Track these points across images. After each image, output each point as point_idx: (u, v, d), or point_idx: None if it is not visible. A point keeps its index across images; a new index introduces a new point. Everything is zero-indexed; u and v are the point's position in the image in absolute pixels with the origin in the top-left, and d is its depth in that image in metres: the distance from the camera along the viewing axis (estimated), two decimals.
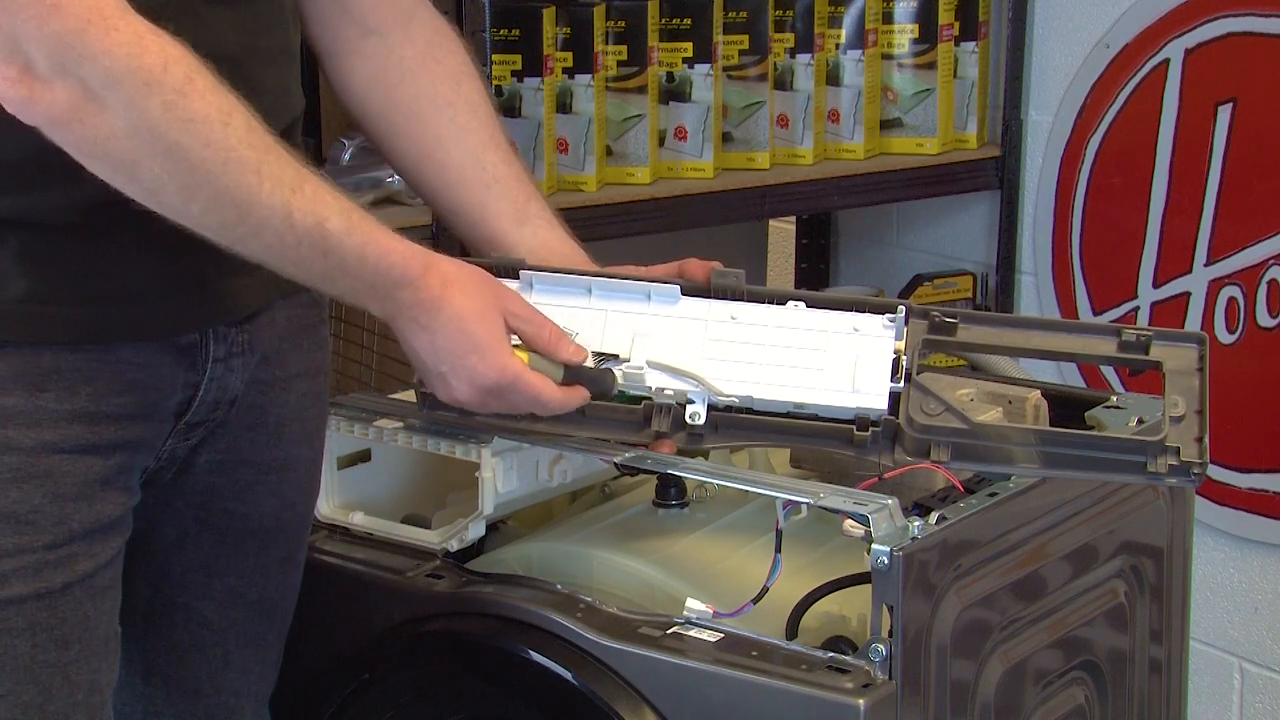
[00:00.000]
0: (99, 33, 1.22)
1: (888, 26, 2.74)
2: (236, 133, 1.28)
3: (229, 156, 1.28)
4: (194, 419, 1.45)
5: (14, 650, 1.35)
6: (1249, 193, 2.54)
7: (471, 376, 1.44)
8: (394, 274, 1.39)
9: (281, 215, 1.31)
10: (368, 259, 1.37)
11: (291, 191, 1.31)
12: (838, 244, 3.20)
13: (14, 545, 1.34)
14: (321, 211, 1.33)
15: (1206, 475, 1.50)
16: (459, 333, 1.42)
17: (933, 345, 1.59)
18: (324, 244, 1.34)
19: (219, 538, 1.54)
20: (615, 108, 2.53)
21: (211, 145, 1.27)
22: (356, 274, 1.38)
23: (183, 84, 1.25)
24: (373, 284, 1.39)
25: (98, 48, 1.22)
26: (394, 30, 1.62)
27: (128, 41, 1.23)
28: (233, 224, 1.30)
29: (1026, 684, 1.57)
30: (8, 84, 1.23)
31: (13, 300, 1.33)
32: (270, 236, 1.32)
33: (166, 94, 1.24)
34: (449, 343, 1.43)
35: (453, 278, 1.43)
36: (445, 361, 1.43)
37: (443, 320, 1.42)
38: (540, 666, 1.48)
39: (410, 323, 1.42)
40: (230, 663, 1.58)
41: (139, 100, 1.24)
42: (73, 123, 1.24)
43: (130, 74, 1.23)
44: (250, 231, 1.31)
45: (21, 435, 1.33)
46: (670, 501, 1.70)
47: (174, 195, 1.28)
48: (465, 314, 1.42)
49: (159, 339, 1.40)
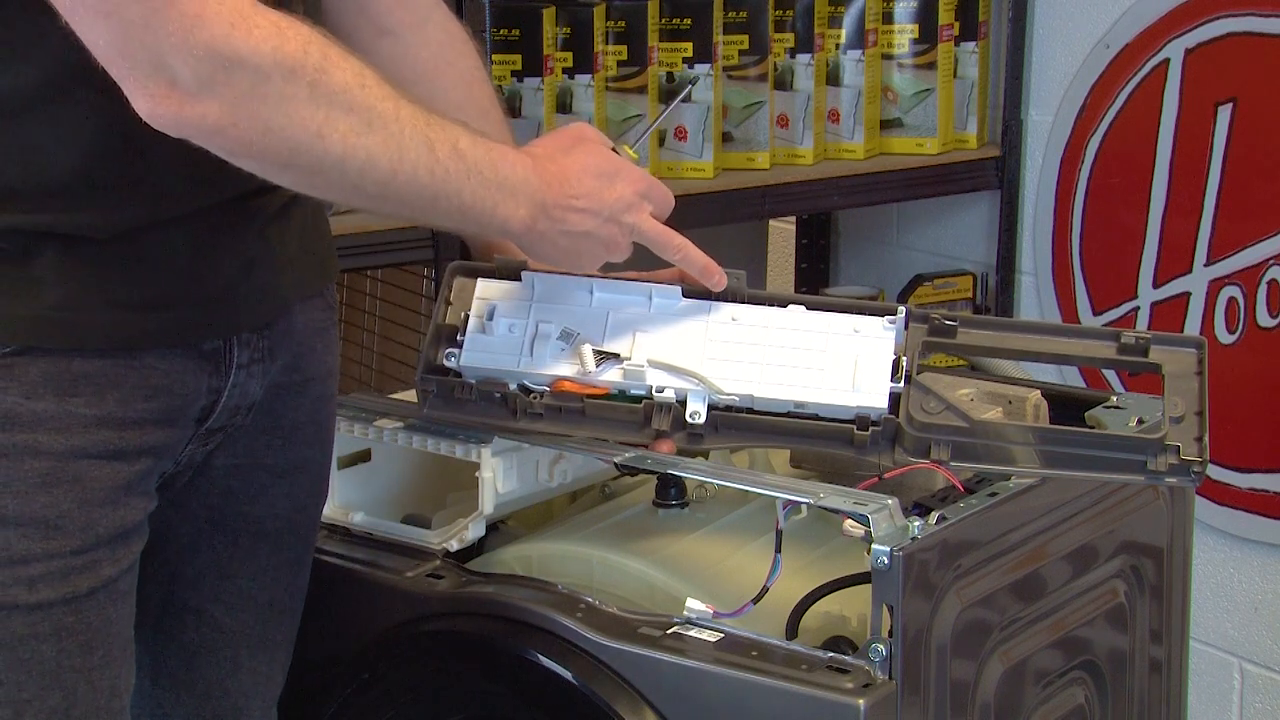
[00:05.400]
0: (244, 34, 1.22)
1: (888, 26, 2.74)
2: (372, 90, 1.30)
3: (372, 116, 1.30)
4: (215, 424, 1.46)
5: (40, 655, 1.35)
6: (1249, 193, 2.54)
7: (634, 185, 1.52)
8: (519, 170, 1.43)
9: (427, 152, 1.34)
10: (497, 164, 1.41)
11: (427, 125, 1.34)
12: (838, 244, 3.20)
13: (43, 550, 1.34)
14: (450, 136, 1.37)
15: (1206, 475, 1.50)
16: (597, 174, 1.50)
17: (933, 347, 1.59)
18: (464, 165, 1.37)
19: (232, 540, 1.54)
20: (615, 108, 2.53)
21: (355, 110, 1.28)
22: (496, 182, 1.40)
23: (321, 61, 1.27)
24: (512, 187, 1.42)
25: (245, 49, 1.22)
26: (409, 32, 1.62)
27: (270, 35, 1.24)
28: (388, 177, 1.32)
29: (1026, 684, 1.58)
30: (154, 101, 1.22)
31: (48, 307, 1.33)
32: (425, 176, 1.34)
33: (310, 74, 1.26)
34: (592, 184, 1.49)
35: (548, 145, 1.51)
36: (602, 203, 1.49)
37: (576, 175, 1.48)
38: (540, 666, 1.48)
39: (555, 206, 1.46)
40: (240, 665, 1.58)
41: (288, 88, 1.25)
42: (226, 128, 1.24)
43: (277, 65, 1.24)
44: (407, 179, 1.33)
45: (52, 440, 1.34)
46: (670, 501, 1.70)
47: (330, 170, 1.29)
48: (589, 157, 1.50)
49: (185, 346, 1.41)
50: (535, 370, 1.58)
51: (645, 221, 1.53)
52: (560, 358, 1.58)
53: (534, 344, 1.58)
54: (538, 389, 1.58)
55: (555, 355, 1.58)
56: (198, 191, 1.38)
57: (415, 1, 1.64)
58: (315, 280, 1.55)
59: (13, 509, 1.32)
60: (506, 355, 1.59)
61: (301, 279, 1.51)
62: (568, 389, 1.57)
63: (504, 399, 1.58)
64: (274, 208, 1.46)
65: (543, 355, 1.58)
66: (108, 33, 1.20)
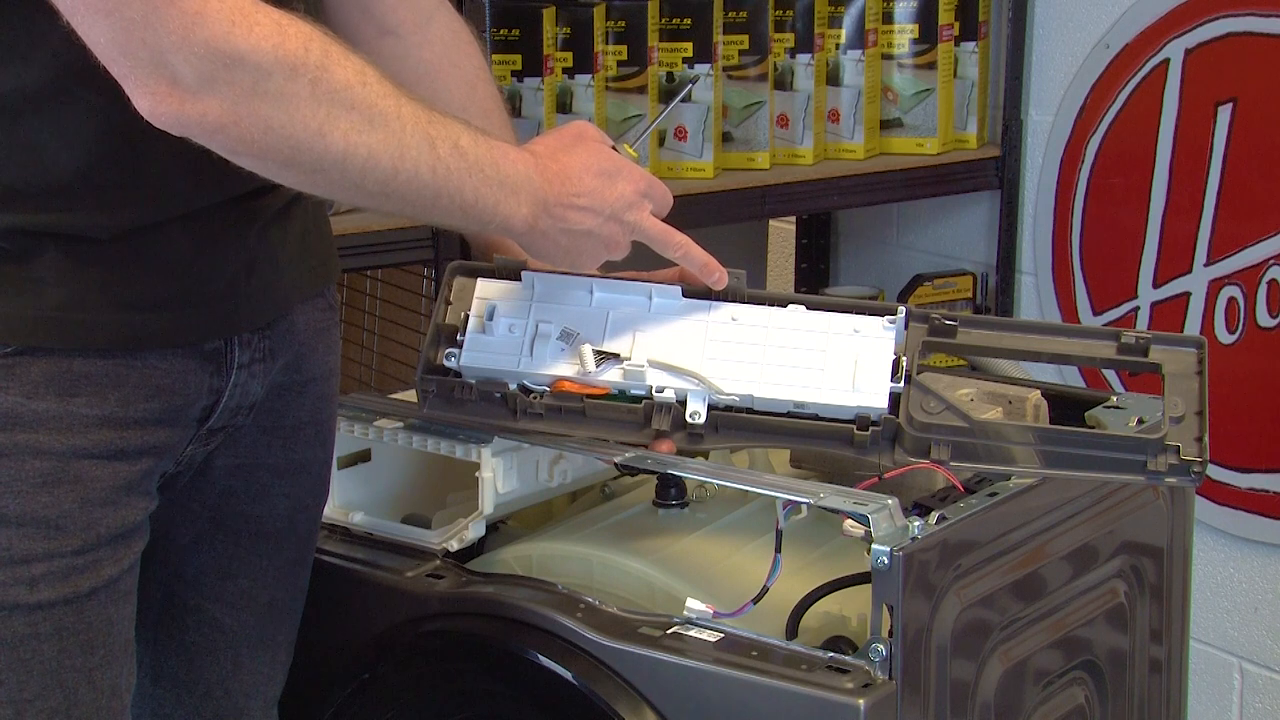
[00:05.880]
0: (244, 31, 1.22)
1: (888, 26, 2.74)
2: (374, 88, 1.30)
3: (373, 113, 1.30)
4: (216, 424, 1.46)
5: (41, 655, 1.35)
6: (1249, 193, 2.54)
7: (635, 183, 1.52)
8: (520, 167, 1.43)
9: (428, 149, 1.34)
10: (499, 162, 1.41)
11: (428, 123, 1.34)
12: (838, 244, 3.20)
13: (44, 550, 1.34)
14: (452, 133, 1.37)
15: (1206, 475, 1.50)
16: (598, 172, 1.49)
17: (933, 347, 1.59)
18: (465, 163, 1.37)
19: (234, 540, 1.55)
20: (615, 108, 2.53)
21: (356, 107, 1.28)
22: (497, 179, 1.40)
23: (322, 58, 1.27)
24: (514, 185, 1.42)
25: (245, 46, 1.22)
26: (412, 32, 1.62)
27: (271, 33, 1.24)
28: (390, 175, 1.32)
29: (1026, 684, 1.58)
30: (155, 100, 1.22)
31: (49, 307, 1.33)
32: (426, 174, 1.34)
33: (311, 71, 1.26)
34: (594, 182, 1.49)
35: (549, 143, 1.50)
36: (603, 202, 1.49)
37: (577, 174, 1.48)
38: (540, 666, 1.48)
39: (556, 204, 1.46)
40: (241, 665, 1.58)
41: (289, 86, 1.25)
42: (227, 126, 1.24)
43: (278, 63, 1.24)
44: (409, 177, 1.33)
45: (53, 440, 1.34)
46: (670, 501, 1.70)
47: (331, 169, 1.30)
48: (590, 155, 1.50)
49: (187, 346, 1.41)
50: (535, 370, 1.58)
51: (646, 219, 1.53)
52: (560, 358, 1.58)
53: (534, 344, 1.58)
54: (538, 389, 1.58)
55: (555, 355, 1.58)
56: (199, 192, 1.38)
57: (418, 1, 1.64)
58: (316, 280, 1.55)
59: (14, 509, 1.33)
60: (506, 355, 1.59)
61: (302, 279, 1.51)
62: (568, 389, 1.57)
63: (504, 399, 1.58)
64: (275, 208, 1.46)
65: (543, 355, 1.58)
66: (109, 31, 1.20)
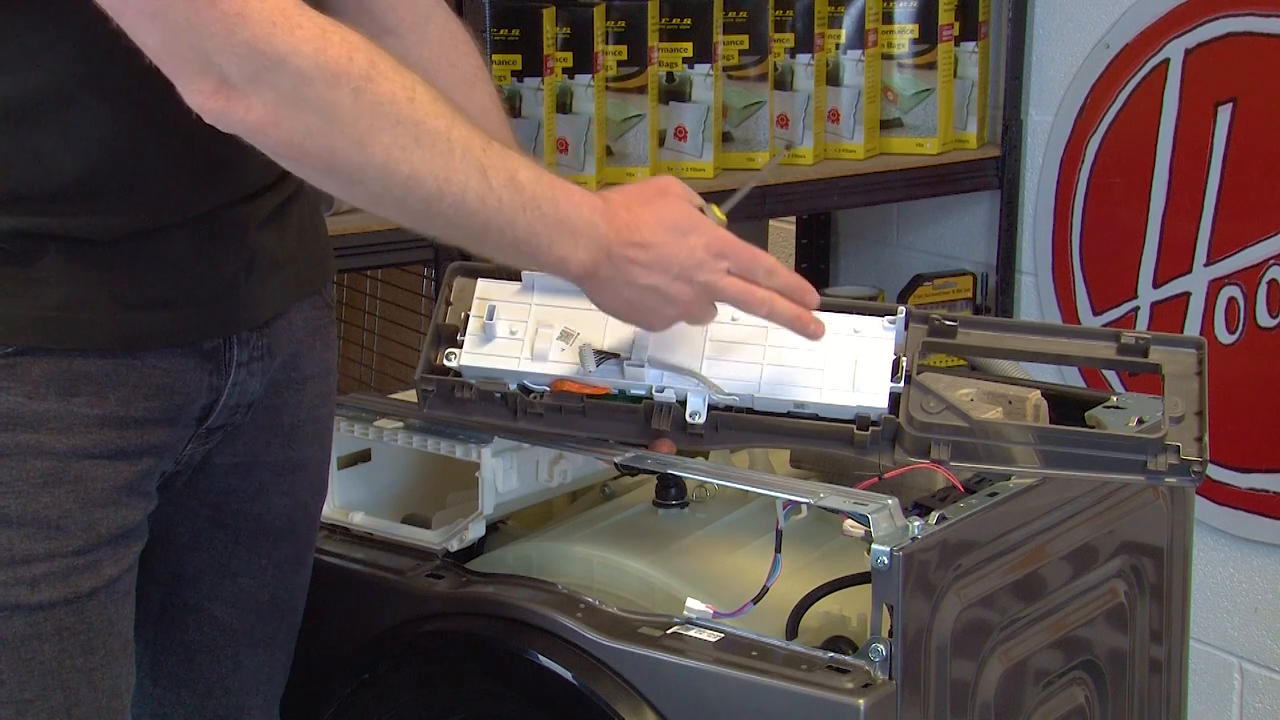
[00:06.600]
0: (285, 33, 1.23)
1: (888, 26, 2.74)
2: (422, 106, 1.30)
3: (420, 131, 1.29)
4: (215, 423, 1.46)
5: (41, 655, 1.35)
6: (1249, 193, 2.54)
7: (709, 243, 1.45)
8: (584, 211, 1.41)
9: (479, 177, 1.32)
10: (560, 201, 1.39)
11: (482, 151, 1.33)
12: (838, 244, 3.20)
13: (45, 550, 1.34)
14: (510, 165, 1.35)
15: (1206, 475, 1.51)
16: (670, 228, 1.45)
17: (933, 347, 1.59)
18: (520, 197, 1.35)
19: (233, 539, 1.55)
20: (615, 108, 2.53)
21: (402, 123, 1.28)
22: (555, 219, 1.38)
23: (367, 69, 1.27)
24: (573, 227, 1.40)
25: (286, 48, 1.23)
26: (410, 31, 1.62)
27: (313, 38, 1.24)
28: (433, 196, 1.31)
29: (1026, 684, 1.58)
30: (204, 97, 1.24)
31: (50, 308, 1.33)
32: (474, 201, 1.33)
33: (355, 81, 1.26)
34: (664, 237, 1.44)
35: (627, 194, 1.46)
36: (671, 258, 1.44)
37: (648, 226, 1.44)
38: (540, 666, 1.48)
39: (620, 254, 1.43)
40: (241, 664, 1.58)
41: (330, 93, 1.25)
42: (268, 127, 1.25)
43: (319, 69, 1.24)
44: (454, 201, 1.32)
45: (54, 440, 1.34)
46: (670, 501, 1.70)
47: (372, 182, 1.29)
48: (666, 210, 1.45)
49: (186, 345, 1.41)
50: (535, 370, 1.58)
51: (721, 280, 1.47)
52: (560, 358, 1.58)
53: (534, 344, 1.58)
54: (538, 389, 1.58)
55: (555, 355, 1.58)
56: (199, 195, 1.39)
57: (416, 1, 1.64)
58: (313, 279, 1.55)
59: (15, 509, 1.33)
60: (506, 355, 1.59)
61: (300, 277, 1.51)
62: (568, 389, 1.57)
63: (504, 399, 1.59)
64: (272, 208, 1.46)
65: (543, 355, 1.58)
66: (156, 33, 1.22)
